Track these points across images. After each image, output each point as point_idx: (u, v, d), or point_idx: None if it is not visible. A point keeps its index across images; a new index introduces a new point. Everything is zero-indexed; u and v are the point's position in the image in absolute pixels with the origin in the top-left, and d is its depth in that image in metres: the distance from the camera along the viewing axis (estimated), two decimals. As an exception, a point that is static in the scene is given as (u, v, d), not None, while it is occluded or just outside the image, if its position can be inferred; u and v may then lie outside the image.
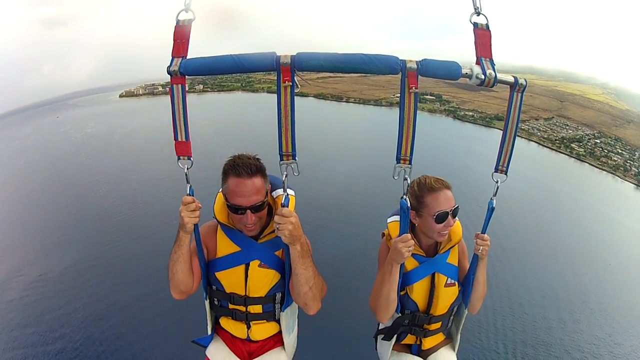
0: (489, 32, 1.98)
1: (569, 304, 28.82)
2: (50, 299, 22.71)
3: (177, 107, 1.99)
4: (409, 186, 2.02)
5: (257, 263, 2.31)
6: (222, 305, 2.45)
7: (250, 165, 2.09)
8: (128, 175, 50.44)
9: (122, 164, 55.48)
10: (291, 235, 2.01)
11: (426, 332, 2.58)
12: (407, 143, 1.95)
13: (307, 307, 2.24)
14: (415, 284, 2.45)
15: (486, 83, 1.93)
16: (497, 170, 2.20)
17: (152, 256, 24.66)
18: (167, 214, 31.99)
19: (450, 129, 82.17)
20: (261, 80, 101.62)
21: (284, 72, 1.84)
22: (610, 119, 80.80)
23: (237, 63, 1.91)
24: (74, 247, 31.24)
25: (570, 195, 54.30)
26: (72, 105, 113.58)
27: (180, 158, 2.06)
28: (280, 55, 1.85)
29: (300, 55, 1.86)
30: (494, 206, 2.26)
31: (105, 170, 53.10)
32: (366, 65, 1.86)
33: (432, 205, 2.29)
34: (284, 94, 1.87)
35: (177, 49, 1.97)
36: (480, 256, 2.37)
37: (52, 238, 33.79)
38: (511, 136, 2.13)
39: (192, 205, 2.07)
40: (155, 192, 41.49)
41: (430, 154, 54.04)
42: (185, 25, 1.96)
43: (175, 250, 2.15)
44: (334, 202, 40.87)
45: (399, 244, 2.10)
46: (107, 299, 22.22)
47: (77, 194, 46.10)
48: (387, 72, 1.89)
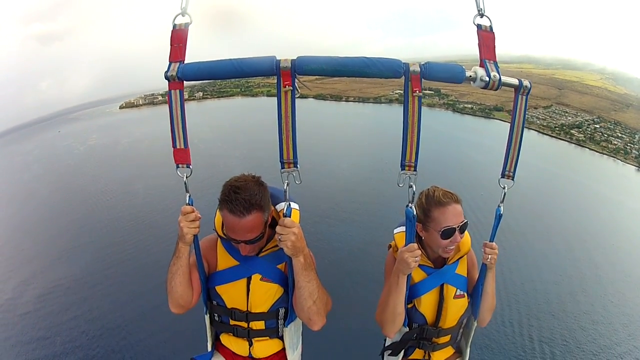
0: (493, 34, 1.94)
1: (582, 284, 29.15)
2: (65, 310, 22.77)
3: (175, 113, 1.94)
4: (414, 194, 1.94)
5: (258, 277, 2.22)
6: (223, 321, 2.34)
7: (245, 202, 1.94)
8: (134, 184, 50.61)
9: (128, 173, 55.73)
10: (294, 247, 1.93)
11: (435, 346, 2.48)
12: (411, 149, 1.89)
13: (312, 322, 2.13)
14: (423, 296, 2.36)
15: (490, 86, 1.89)
16: (504, 175, 2.13)
17: (161, 265, 24.66)
18: (174, 224, 32.08)
19: (450, 122, 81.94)
20: (260, 84, 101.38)
21: (284, 76, 1.80)
22: (609, 103, 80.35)
23: (236, 68, 1.87)
24: (84, 258, 31.43)
25: (572, 180, 54.35)
26: (73, 119, 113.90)
27: (179, 166, 2.00)
28: (280, 60, 1.81)
29: (301, 59, 1.82)
30: (501, 213, 2.18)
31: (111, 180, 53.37)
32: (368, 69, 1.83)
33: (439, 220, 2.21)
34: (285, 98, 1.82)
35: (174, 53, 1.92)
36: (489, 265, 2.29)
37: (61, 249, 34.00)
38: (517, 141, 2.07)
39: (191, 215, 2.00)
40: (161, 201, 41.62)
41: (432, 148, 53.98)
42: (182, 29, 1.92)
43: (174, 262, 2.07)
44: (337, 203, 40.72)
45: (405, 254, 2.03)
46: (120, 310, 22.21)
47: (84, 205, 46.36)
48: (389, 76, 1.86)
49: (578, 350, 23.18)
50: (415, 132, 1.87)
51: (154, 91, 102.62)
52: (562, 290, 29.18)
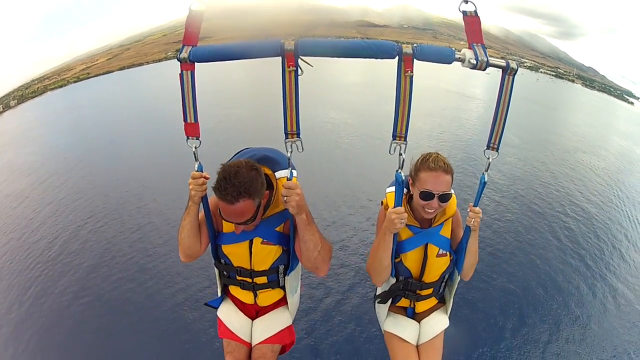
0: (478, 17, 2.02)
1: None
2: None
3: (186, 92, 2.12)
4: (403, 161, 2.12)
5: (259, 240, 2.45)
6: (231, 277, 2.67)
7: (234, 190, 2.05)
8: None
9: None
10: (298, 206, 2.14)
11: (418, 297, 2.75)
12: (402, 122, 2.05)
13: (318, 270, 2.37)
14: (408, 253, 2.57)
15: (478, 67, 2.00)
16: (489, 147, 2.26)
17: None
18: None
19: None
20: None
21: (288, 58, 1.94)
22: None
23: (243, 50, 2.01)
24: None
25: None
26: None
27: (189, 138, 2.20)
28: (284, 42, 1.93)
29: (303, 41, 1.95)
30: (485, 181, 2.34)
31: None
32: (365, 51, 1.95)
33: (423, 181, 2.39)
34: (289, 78, 1.98)
35: (187, 37, 2.07)
36: (473, 228, 2.46)
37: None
38: (502, 117, 2.18)
39: (199, 180, 2.23)
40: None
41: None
42: (198, 15, 2.05)
43: (185, 217, 2.34)
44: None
45: (392, 215, 2.23)
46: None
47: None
48: (384, 57, 1.97)
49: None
50: (406, 107, 2.02)
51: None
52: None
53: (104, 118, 23.80)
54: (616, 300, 6.02)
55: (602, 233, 8.58)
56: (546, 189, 11.06)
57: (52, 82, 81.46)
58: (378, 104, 23.77)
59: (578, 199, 10.58)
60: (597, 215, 9.64)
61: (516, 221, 8.57)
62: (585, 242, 7.99)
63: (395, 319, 2.87)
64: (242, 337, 2.70)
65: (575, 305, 5.82)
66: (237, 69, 41.49)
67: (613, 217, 9.80)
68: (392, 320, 2.87)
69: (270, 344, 2.67)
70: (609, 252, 7.66)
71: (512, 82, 2.11)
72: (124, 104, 27.68)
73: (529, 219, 8.82)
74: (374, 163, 12.96)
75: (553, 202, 10.01)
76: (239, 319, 2.74)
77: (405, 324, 2.84)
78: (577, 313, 5.64)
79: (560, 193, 10.95)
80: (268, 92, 25.76)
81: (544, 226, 8.49)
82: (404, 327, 2.82)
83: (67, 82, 76.73)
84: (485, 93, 36.41)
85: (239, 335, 2.69)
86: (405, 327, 2.82)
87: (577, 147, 17.64)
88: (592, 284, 6.46)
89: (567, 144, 18.11)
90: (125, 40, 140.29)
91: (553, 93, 72.49)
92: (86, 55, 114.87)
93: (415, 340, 2.80)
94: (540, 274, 6.54)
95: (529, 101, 35.99)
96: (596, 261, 7.21)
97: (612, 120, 43.37)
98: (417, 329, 2.83)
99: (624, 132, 31.95)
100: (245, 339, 2.70)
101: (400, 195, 2.25)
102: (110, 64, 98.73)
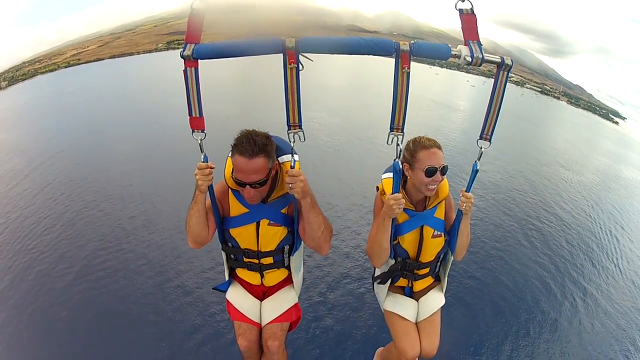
0: (474, 15, 2.10)
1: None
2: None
3: (191, 87, 2.19)
4: (401, 151, 2.25)
5: (266, 222, 2.58)
6: (238, 259, 2.79)
7: (253, 146, 2.22)
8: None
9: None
10: (302, 191, 2.28)
11: (416, 277, 2.92)
12: (399, 115, 2.15)
13: (321, 249, 2.52)
14: (405, 235, 2.73)
15: (474, 63, 2.06)
16: (482, 137, 2.36)
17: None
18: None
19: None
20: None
21: (289, 55, 2.01)
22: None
23: (245, 47, 2.06)
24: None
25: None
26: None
27: (194, 131, 2.29)
28: (285, 39, 2.00)
29: (304, 39, 2.03)
30: (477, 169, 2.47)
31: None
32: (363, 49, 2.02)
33: (424, 159, 2.53)
34: (290, 74, 2.06)
35: (190, 35, 2.12)
36: (465, 212, 2.61)
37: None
38: (495, 109, 2.28)
39: (206, 170, 2.33)
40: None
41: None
42: (199, 14, 2.12)
43: (192, 206, 2.44)
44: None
45: (391, 201, 2.35)
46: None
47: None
48: (382, 54, 2.05)
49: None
50: (403, 102, 2.12)
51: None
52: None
53: (96, 105, 23.29)
54: (584, 301, 6.43)
55: (572, 239, 9.05)
56: (522, 196, 11.54)
57: (43, 65, 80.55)
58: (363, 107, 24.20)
59: (551, 207, 11.09)
60: (570, 223, 10.14)
61: (491, 224, 8.97)
62: (557, 247, 8.43)
63: (394, 298, 3.03)
64: (252, 318, 2.81)
65: (545, 303, 6.19)
66: (224, 66, 41.11)
67: (584, 225, 10.31)
68: (392, 299, 3.03)
69: (279, 323, 2.80)
70: (580, 258, 8.09)
71: (506, 77, 2.19)
72: (118, 92, 27.03)
73: (504, 222, 9.25)
74: (362, 159, 13.12)
75: (527, 209, 10.50)
76: (248, 300, 2.86)
77: (405, 302, 3.01)
78: (546, 309, 6.00)
79: (535, 200, 11.47)
80: (255, 90, 25.55)
81: (517, 230, 8.95)
82: (404, 306, 2.99)
83: (58, 67, 76.03)
84: (470, 106, 37.09)
85: (249, 316, 2.81)
86: (405, 305, 2.99)
87: (555, 161, 18.13)
88: (562, 284, 6.85)
89: (545, 158, 18.54)
90: (116, 29, 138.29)
91: (537, 109, 73.91)
92: (77, 41, 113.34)
93: (414, 317, 2.97)
94: (511, 273, 6.91)
95: (512, 115, 36.75)
96: (566, 264, 7.64)
97: (593, 138, 44.65)
98: (416, 307, 3.00)
99: (605, 150, 32.87)
100: (255, 319, 2.82)
101: (398, 183, 2.38)
102: (101, 51, 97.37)
